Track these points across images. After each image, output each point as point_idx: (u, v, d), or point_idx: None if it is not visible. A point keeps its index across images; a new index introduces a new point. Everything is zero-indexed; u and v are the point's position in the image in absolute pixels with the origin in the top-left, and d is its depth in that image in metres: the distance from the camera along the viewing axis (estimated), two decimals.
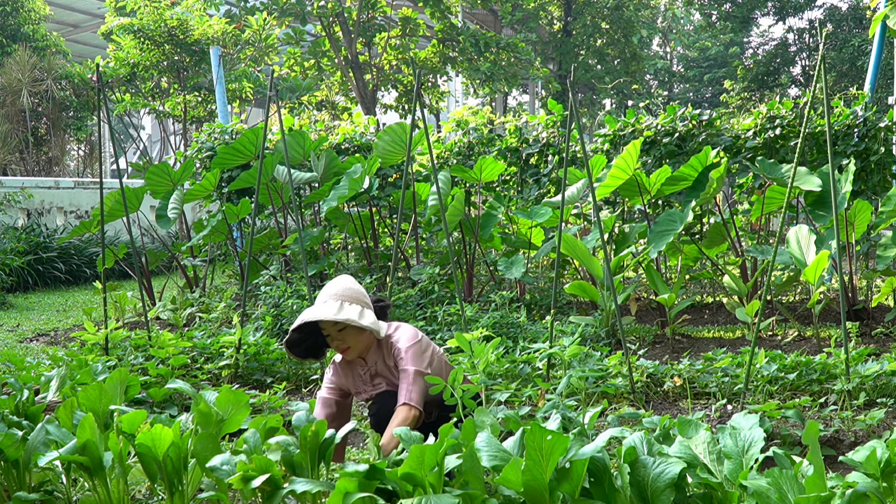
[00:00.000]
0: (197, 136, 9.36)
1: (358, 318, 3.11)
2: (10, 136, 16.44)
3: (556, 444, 2.24)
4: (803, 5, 23.66)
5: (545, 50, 23.46)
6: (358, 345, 3.22)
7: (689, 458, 2.45)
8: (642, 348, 5.54)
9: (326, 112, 19.45)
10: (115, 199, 7.13)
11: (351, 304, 3.18)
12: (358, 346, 3.22)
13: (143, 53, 14.08)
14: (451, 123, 9.26)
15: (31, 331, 7.37)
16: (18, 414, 3.26)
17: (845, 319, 4.06)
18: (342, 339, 3.20)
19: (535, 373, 4.58)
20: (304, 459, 2.66)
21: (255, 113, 26.57)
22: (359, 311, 3.15)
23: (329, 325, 3.21)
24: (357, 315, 3.13)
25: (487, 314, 5.98)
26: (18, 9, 18.07)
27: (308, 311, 3.20)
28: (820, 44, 3.95)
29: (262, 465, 2.50)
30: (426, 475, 2.32)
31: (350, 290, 3.24)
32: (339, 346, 3.22)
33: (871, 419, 3.62)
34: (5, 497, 2.93)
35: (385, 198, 8.38)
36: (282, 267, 7.56)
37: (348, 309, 3.15)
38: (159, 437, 2.67)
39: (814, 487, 2.14)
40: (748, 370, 4.10)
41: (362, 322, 3.10)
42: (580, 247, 6.15)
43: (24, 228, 10.97)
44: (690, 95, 33.92)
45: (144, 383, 4.42)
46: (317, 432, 2.64)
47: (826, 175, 6.15)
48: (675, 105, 7.79)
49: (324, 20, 17.12)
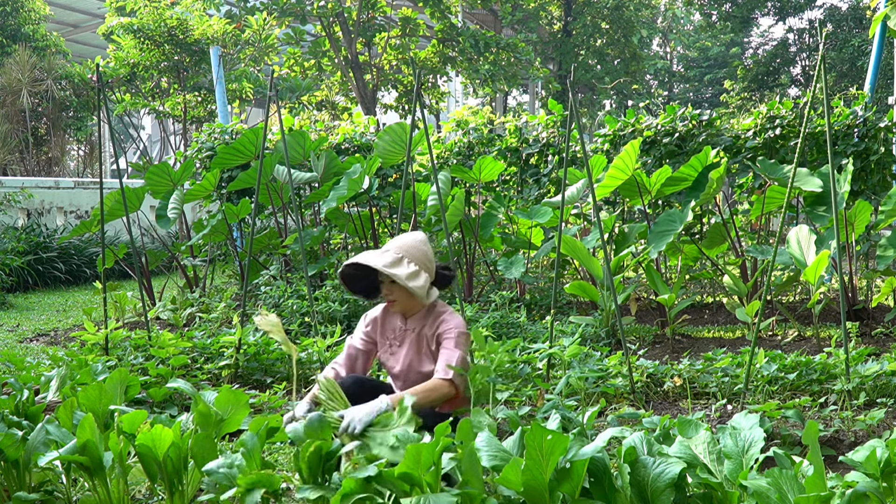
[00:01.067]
0: (197, 136, 9.36)
1: (405, 278, 3.13)
2: (10, 136, 16.44)
3: (556, 444, 2.24)
4: (803, 5, 23.65)
5: (545, 50, 23.46)
6: (404, 302, 3.25)
7: (689, 458, 2.45)
8: (642, 348, 5.54)
9: (326, 112, 19.45)
10: (115, 199, 7.13)
11: (410, 261, 3.19)
12: (403, 304, 3.26)
13: (143, 53, 14.08)
14: (451, 123, 9.26)
15: (31, 331, 7.37)
16: (18, 414, 3.26)
17: (845, 319, 4.06)
18: (391, 291, 3.24)
19: (535, 373, 4.58)
20: (303, 469, 2.63)
21: (255, 113, 26.57)
22: (412, 272, 3.16)
23: (383, 275, 3.24)
24: (407, 274, 3.14)
25: (487, 314, 5.98)
26: (18, 9, 18.07)
27: (368, 252, 3.24)
28: (820, 44, 3.95)
29: (262, 477, 2.49)
30: (423, 475, 2.32)
31: (416, 248, 3.25)
32: (387, 297, 3.26)
33: (871, 419, 3.62)
34: (5, 497, 2.93)
35: (385, 198, 8.38)
36: (282, 267, 7.56)
37: (405, 266, 3.16)
38: (159, 438, 2.67)
39: (814, 487, 2.14)
40: (748, 370, 4.10)
41: (409, 284, 3.13)
42: (580, 247, 6.15)
43: (24, 228, 10.96)
44: (690, 95, 33.92)
45: (144, 383, 4.41)
46: (319, 447, 2.60)
47: (826, 175, 6.14)
48: (675, 105, 7.79)
49: (324, 20, 17.13)
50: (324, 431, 2.68)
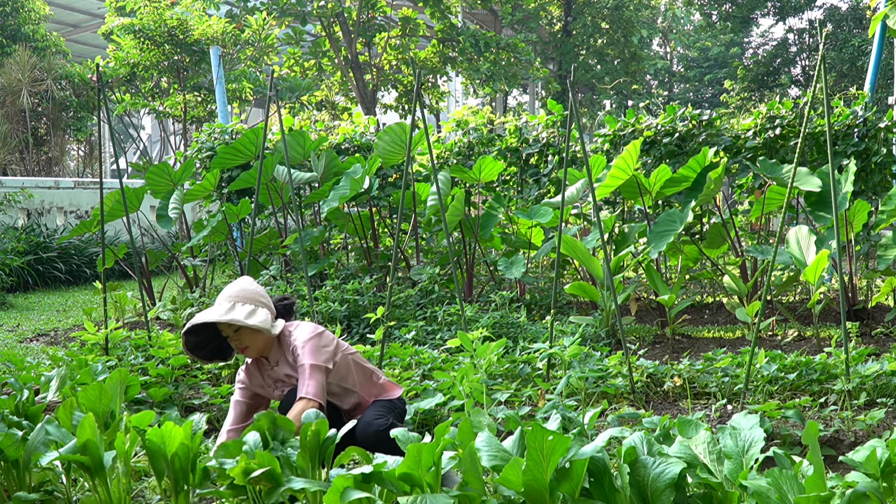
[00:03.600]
0: (197, 136, 9.36)
1: (244, 318, 3.15)
2: (10, 136, 16.44)
3: (556, 445, 2.24)
4: (803, 5, 23.64)
5: (545, 50, 23.45)
6: (255, 344, 3.26)
7: (689, 458, 2.45)
8: (642, 348, 5.54)
9: (326, 112, 19.44)
10: (115, 199, 7.13)
11: (244, 304, 3.22)
12: (256, 346, 3.26)
13: (143, 53, 14.08)
14: (451, 123, 9.26)
15: (31, 331, 7.37)
16: (18, 414, 3.26)
17: (845, 319, 4.06)
18: (239, 340, 3.25)
19: (535, 373, 4.58)
20: (303, 460, 2.66)
21: (255, 113, 26.56)
22: (249, 311, 3.19)
23: (225, 327, 3.26)
24: (245, 315, 3.16)
25: (487, 314, 5.98)
26: (18, 9, 18.06)
27: (199, 314, 3.25)
28: (820, 44, 3.95)
29: (263, 461, 2.51)
30: (423, 475, 2.32)
31: (244, 290, 3.28)
32: (238, 346, 3.27)
33: (871, 419, 3.62)
34: (5, 497, 2.93)
35: (385, 198, 8.38)
36: (282, 267, 7.56)
37: (239, 309, 3.19)
38: (169, 435, 2.69)
39: (814, 487, 2.14)
40: (748, 370, 4.10)
41: (249, 322, 3.14)
42: (580, 247, 6.14)
43: (24, 228, 10.96)
44: (690, 95, 33.90)
45: (144, 383, 4.41)
46: (317, 432, 2.64)
47: (826, 175, 6.14)
48: (675, 105, 7.79)
49: (324, 20, 17.12)
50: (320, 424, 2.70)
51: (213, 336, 3.39)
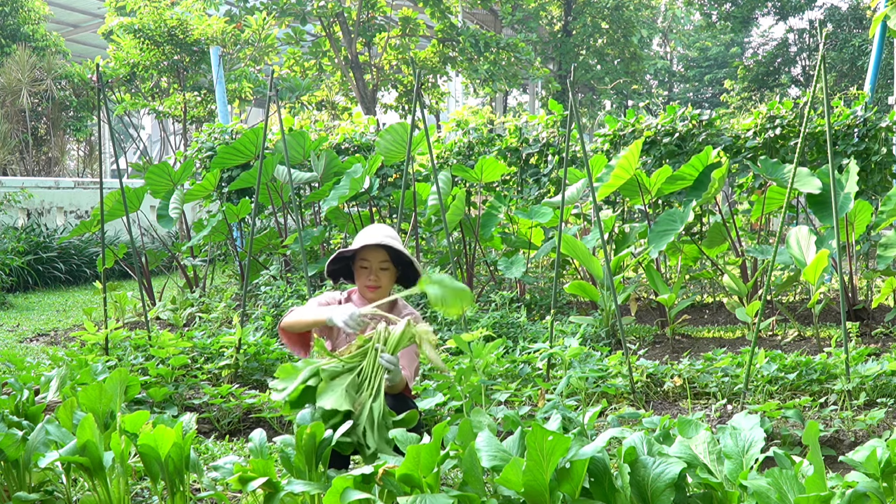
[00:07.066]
0: (197, 135, 9.36)
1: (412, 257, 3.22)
2: (9, 136, 16.43)
3: (557, 445, 2.24)
4: (803, 5, 23.64)
5: (545, 50, 23.45)
6: (386, 289, 3.29)
7: (689, 458, 2.45)
8: (642, 348, 5.54)
9: (326, 112, 19.44)
10: (115, 199, 7.12)
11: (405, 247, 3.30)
12: (385, 291, 3.29)
13: (143, 53, 14.07)
14: (451, 123, 9.26)
15: (31, 331, 7.37)
16: (18, 414, 3.25)
17: (845, 319, 4.06)
18: (378, 277, 3.25)
19: (535, 373, 4.58)
20: (300, 461, 2.65)
21: (255, 113, 26.55)
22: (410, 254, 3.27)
23: (377, 258, 3.24)
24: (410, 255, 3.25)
25: (487, 314, 5.98)
26: (18, 9, 18.05)
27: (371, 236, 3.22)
28: (820, 44, 3.95)
29: (259, 467, 2.50)
30: (424, 476, 2.31)
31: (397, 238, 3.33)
32: (373, 282, 3.25)
33: (871, 419, 3.62)
34: (5, 497, 2.93)
35: (385, 198, 8.38)
36: (282, 267, 7.56)
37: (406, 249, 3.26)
38: (162, 438, 2.69)
39: (814, 487, 2.14)
40: (748, 370, 4.10)
41: (416, 263, 3.22)
42: (580, 247, 6.14)
43: (24, 228, 10.96)
44: (690, 95, 33.92)
45: (144, 383, 4.41)
46: (313, 434, 2.63)
47: (826, 175, 6.14)
48: (675, 105, 7.79)
49: (324, 20, 17.12)
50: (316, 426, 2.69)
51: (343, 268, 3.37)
